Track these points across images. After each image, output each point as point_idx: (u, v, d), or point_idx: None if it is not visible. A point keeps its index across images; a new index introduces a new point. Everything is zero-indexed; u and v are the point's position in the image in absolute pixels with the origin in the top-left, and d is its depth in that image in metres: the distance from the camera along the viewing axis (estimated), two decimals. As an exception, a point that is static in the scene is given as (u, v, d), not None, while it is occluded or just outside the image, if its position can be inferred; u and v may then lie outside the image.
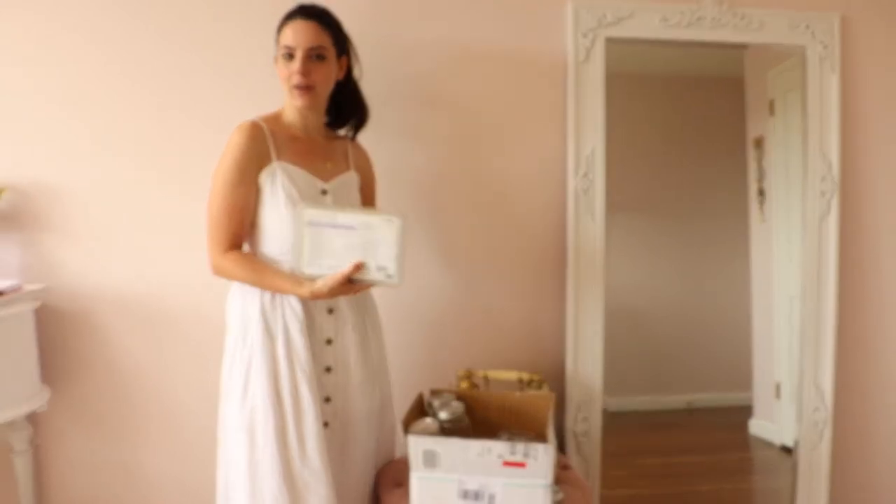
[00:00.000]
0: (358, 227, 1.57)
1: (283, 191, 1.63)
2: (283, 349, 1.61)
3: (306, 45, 1.63)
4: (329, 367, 1.69)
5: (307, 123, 1.74)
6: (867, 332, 2.36)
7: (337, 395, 1.69)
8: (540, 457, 1.57)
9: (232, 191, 1.62)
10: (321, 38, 1.65)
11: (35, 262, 2.06)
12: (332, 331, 1.69)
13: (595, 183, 2.17)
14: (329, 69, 1.69)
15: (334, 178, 1.73)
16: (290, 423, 1.58)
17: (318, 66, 1.65)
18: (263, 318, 1.62)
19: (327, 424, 1.67)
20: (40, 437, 2.10)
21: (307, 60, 1.64)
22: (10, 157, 2.03)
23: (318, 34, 1.65)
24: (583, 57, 2.15)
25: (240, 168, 1.62)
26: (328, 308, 1.68)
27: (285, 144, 1.68)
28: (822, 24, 2.23)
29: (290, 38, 1.64)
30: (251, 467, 1.59)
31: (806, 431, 2.29)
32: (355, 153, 1.86)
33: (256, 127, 1.66)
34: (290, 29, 1.65)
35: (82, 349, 2.09)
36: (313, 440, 1.59)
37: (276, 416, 1.58)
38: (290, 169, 1.65)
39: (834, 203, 2.25)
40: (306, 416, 1.59)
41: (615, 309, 2.21)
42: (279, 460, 1.57)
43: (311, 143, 1.74)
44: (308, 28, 1.64)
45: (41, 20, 2.01)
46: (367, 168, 1.89)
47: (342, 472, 1.70)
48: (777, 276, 2.38)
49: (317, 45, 1.64)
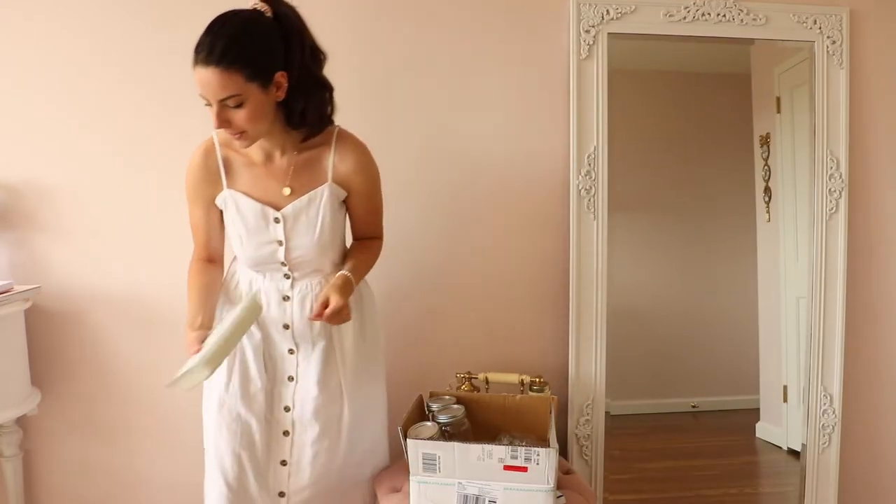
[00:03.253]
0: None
1: (231, 223, 1.62)
2: (237, 363, 1.65)
3: (216, 98, 1.42)
4: (291, 376, 1.68)
5: (264, 148, 1.59)
6: (876, 333, 2.33)
7: (297, 404, 1.67)
8: (542, 461, 1.55)
9: (191, 209, 1.65)
10: (229, 87, 1.41)
11: (26, 262, 2.04)
12: (292, 343, 1.68)
13: (598, 181, 2.14)
14: (252, 109, 1.45)
15: (293, 201, 1.59)
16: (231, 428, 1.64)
17: (237, 112, 1.44)
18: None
19: (287, 433, 1.67)
20: (30, 441, 2.08)
21: (223, 111, 1.44)
22: (2, 155, 2.02)
23: (223, 83, 1.40)
24: (585, 53, 2.12)
25: (193, 189, 1.63)
26: (283, 324, 1.66)
27: (241, 170, 1.61)
28: (829, 19, 2.20)
29: (198, 86, 1.43)
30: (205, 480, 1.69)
31: (814, 435, 2.26)
32: (341, 163, 1.62)
33: (208, 152, 1.61)
34: (196, 75, 1.42)
35: (73, 351, 2.08)
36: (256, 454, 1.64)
37: (215, 429, 1.65)
38: (240, 200, 1.59)
39: (842, 201, 2.22)
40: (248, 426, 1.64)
41: (618, 310, 2.19)
42: (220, 477, 1.63)
43: (271, 167, 1.60)
44: (211, 79, 1.40)
45: (35, 20, 1.99)
46: (358, 176, 1.65)
47: (300, 481, 1.67)
48: (784, 276, 2.35)
49: (226, 95, 1.41)
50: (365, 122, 1.89)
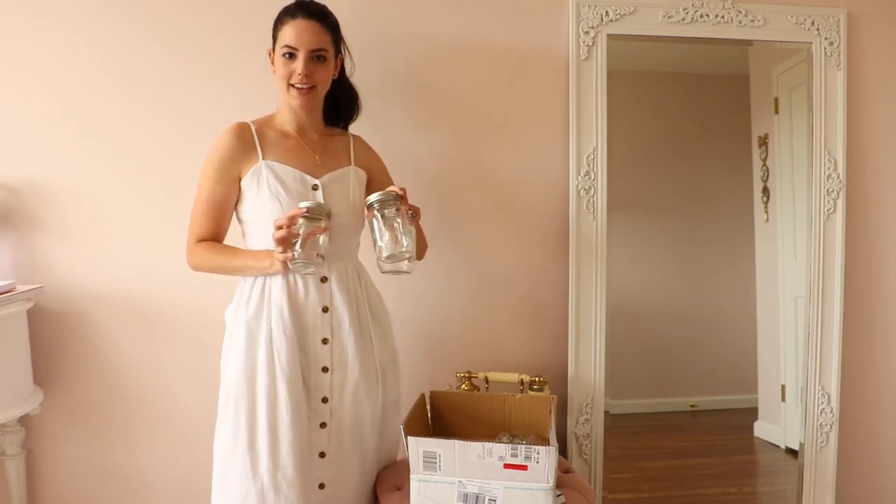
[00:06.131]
0: None
1: (269, 188, 1.63)
2: (264, 350, 1.61)
3: (309, 47, 1.61)
4: (326, 367, 1.67)
5: (301, 122, 1.72)
6: (874, 332, 2.34)
7: (334, 395, 1.67)
8: (542, 459, 1.55)
9: (212, 188, 1.65)
10: (323, 40, 1.63)
11: (28, 262, 2.04)
12: (328, 330, 1.66)
13: (597, 182, 2.15)
14: (329, 70, 1.68)
15: (327, 173, 1.70)
16: (263, 428, 1.59)
17: (319, 67, 1.64)
18: (247, 320, 1.64)
19: (324, 425, 1.66)
20: (33, 440, 2.08)
21: (309, 62, 1.62)
22: (3, 156, 2.01)
23: (320, 35, 1.62)
24: (584, 54, 2.13)
25: (221, 167, 1.64)
26: (323, 307, 1.66)
27: (275, 143, 1.69)
28: (827, 21, 2.21)
29: (291, 37, 1.61)
30: (223, 469, 1.63)
31: (811, 434, 2.27)
32: (359, 148, 1.83)
33: (244, 127, 1.68)
34: (291, 28, 1.61)
35: (76, 350, 2.07)
36: (287, 445, 1.59)
37: (248, 419, 1.60)
38: (276, 167, 1.65)
39: (840, 201, 2.23)
40: (281, 421, 1.59)
41: (617, 309, 2.19)
42: (249, 463, 1.59)
43: (305, 140, 1.72)
44: (311, 29, 1.61)
45: (37, 20, 1.99)
46: (375, 163, 1.86)
47: (340, 472, 1.68)
48: (782, 276, 2.36)
49: (319, 46, 1.62)
50: (365, 121, 1.91)
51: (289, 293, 1.63)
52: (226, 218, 1.68)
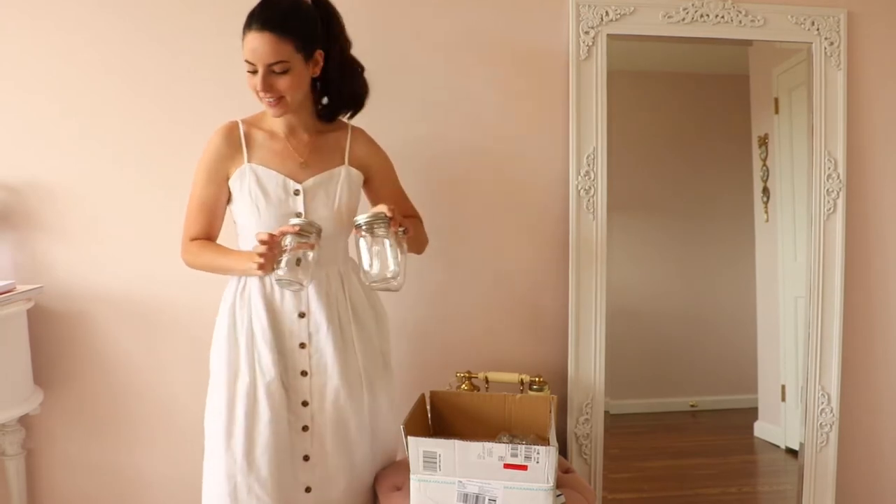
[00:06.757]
0: None
1: (250, 194, 1.63)
2: (245, 351, 1.63)
3: (265, 61, 1.52)
4: (304, 370, 1.67)
5: (289, 121, 1.69)
6: (874, 332, 2.34)
7: (314, 399, 1.67)
8: (542, 459, 1.55)
9: (203, 188, 1.66)
10: (280, 52, 1.52)
11: (28, 262, 2.04)
12: (305, 335, 1.66)
13: (597, 182, 2.15)
14: (295, 78, 1.57)
15: (312, 177, 1.67)
16: (240, 427, 1.60)
17: (280, 78, 1.55)
18: (228, 322, 1.66)
19: (307, 428, 1.67)
20: (33, 440, 2.08)
21: (268, 76, 1.54)
22: (3, 156, 2.01)
23: (276, 48, 1.51)
24: (584, 54, 2.13)
25: (211, 168, 1.65)
26: (299, 312, 1.66)
27: (262, 145, 1.67)
28: (827, 21, 2.21)
29: (247, 52, 1.53)
30: (206, 471, 1.66)
31: (811, 434, 2.27)
32: (357, 145, 1.75)
33: (233, 128, 1.67)
34: (247, 42, 1.53)
35: (76, 350, 2.07)
36: (263, 446, 1.60)
37: (226, 422, 1.62)
38: (260, 171, 1.64)
39: (840, 201, 2.23)
40: (259, 421, 1.60)
41: (617, 309, 2.19)
42: (224, 467, 1.61)
43: (293, 141, 1.69)
44: (265, 41, 1.51)
45: (37, 20, 1.99)
46: (376, 160, 1.79)
47: (325, 476, 1.67)
48: (782, 276, 2.36)
49: (276, 59, 1.52)
50: (364, 122, 1.90)
51: (265, 297, 1.64)
52: (217, 217, 1.69)
